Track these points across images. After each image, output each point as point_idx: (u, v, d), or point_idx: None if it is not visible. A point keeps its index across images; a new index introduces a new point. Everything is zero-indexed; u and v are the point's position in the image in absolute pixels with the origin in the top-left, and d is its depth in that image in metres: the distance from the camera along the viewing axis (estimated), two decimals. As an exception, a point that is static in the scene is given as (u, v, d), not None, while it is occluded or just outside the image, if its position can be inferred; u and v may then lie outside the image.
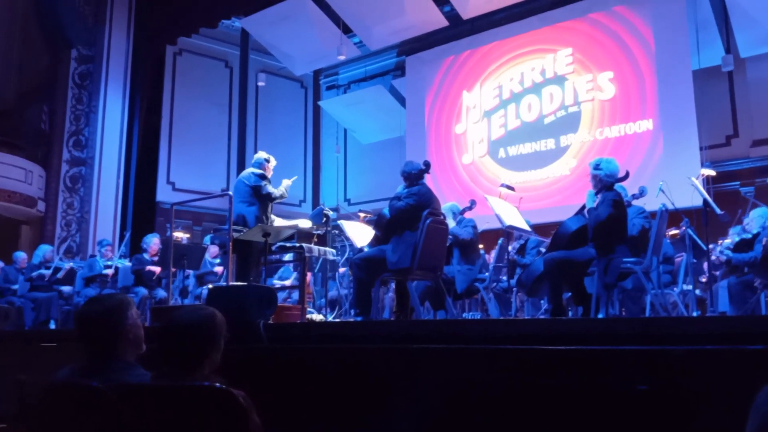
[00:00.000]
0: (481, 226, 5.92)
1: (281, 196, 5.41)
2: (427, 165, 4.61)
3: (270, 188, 5.32)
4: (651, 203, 5.11)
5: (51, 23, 9.32)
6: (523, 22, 9.47)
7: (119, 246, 8.50)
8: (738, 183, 8.15)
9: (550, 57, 9.22)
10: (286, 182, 5.50)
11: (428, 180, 4.82)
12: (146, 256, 7.18)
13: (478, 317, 5.94)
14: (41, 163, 9.41)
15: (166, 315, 3.83)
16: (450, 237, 5.47)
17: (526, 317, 5.71)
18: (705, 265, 5.86)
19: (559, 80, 9.12)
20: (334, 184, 12.18)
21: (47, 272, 7.13)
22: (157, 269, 6.84)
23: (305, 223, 5.24)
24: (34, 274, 7.18)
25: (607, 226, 3.99)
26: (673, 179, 6.62)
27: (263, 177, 5.34)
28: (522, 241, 6.05)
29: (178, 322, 1.86)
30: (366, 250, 5.15)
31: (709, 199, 4.65)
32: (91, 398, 1.71)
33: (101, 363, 1.87)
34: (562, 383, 2.66)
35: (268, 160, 5.52)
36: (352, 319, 4.91)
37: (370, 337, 3.43)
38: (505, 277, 5.67)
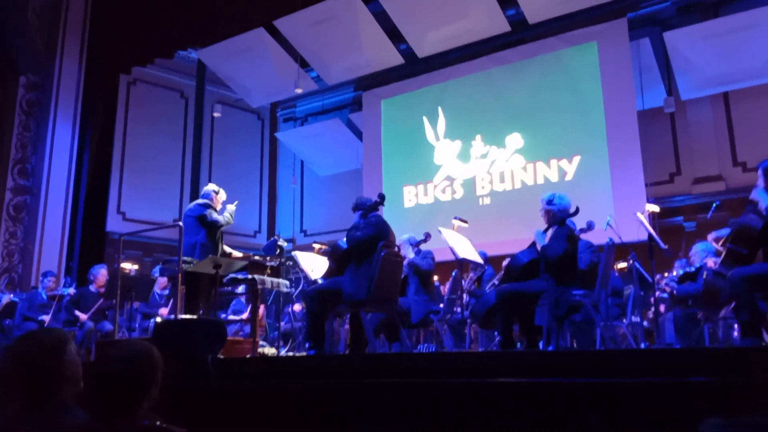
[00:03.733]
0: (436, 258, 5.96)
1: (227, 223, 5.36)
2: (382, 197, 4.64)
3: (215, 215, 5.28)
4: (598, 237, 5.25)
5: (1, 50, 9.07)
6: (475, 61, 9.75)
7: (65, 277, 8.20)
8: (681, 218, 8.49)
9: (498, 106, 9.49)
10: (230, 207, 5.47)
11: (384, 212, 4.84)
12: (92, 287, 6.94)
13: (433, 349, 5.93)
14: (-17, 191, 9.05)
15: (104, 351, 3.69)
16: (409, 267, 5.50)
17: (480, 349, 5.73)
18: (651, 298, 6.03)
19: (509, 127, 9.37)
20: (290, 216, 12.10)
21: None
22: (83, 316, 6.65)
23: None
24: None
25: (563, 261, 4.08)
26: (619, 214, 6.85)
27: (207, 206, 5.30)
28: (479, 273, 6.11)
29: (112, 359, 1.79)
30: (320, 282, 5.10)
31: (654, 234, 4.81)
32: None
33: (38, 407, 1.77)
34: (516, 416, 2.67)
35: (217, 192, 5.49)
36: (304, 353, 4.82)
37: (323, 371, 3.38)
38: (459, 309, 5.70)
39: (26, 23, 9.16)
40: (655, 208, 5.57)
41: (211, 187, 5.55)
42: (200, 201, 5.38)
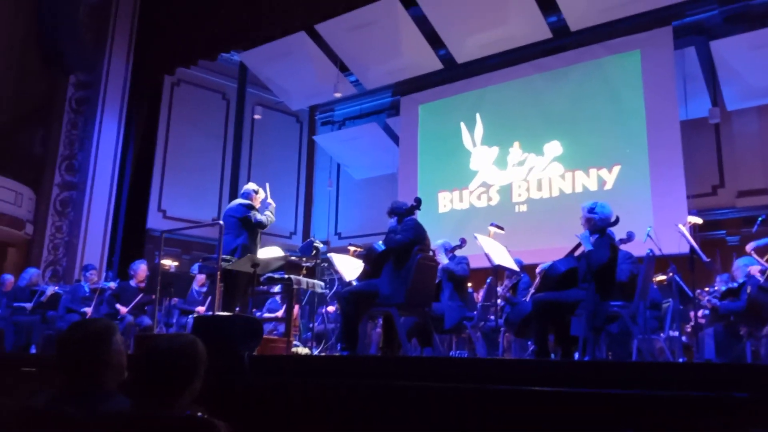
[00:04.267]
0: (470, 264, 5.93)
1: (270, 222, 5.45)
2: (419, 201, 4.65)
3: (259, 216, 5.36)
4: (638, 248, 5.16)
5: (50, 48, 9.41)
6: (516, 67, 9.68)
7: (106, 271, 8.43)
8: (724, 232, 8.26)
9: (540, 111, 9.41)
10: (271, 206, 5.52)
11: (418, 217, 4.84)
12: (132, 282, 7.12)
13: (465, 356, 5.91)
14: (32, 185, 9.38)
15: (142, 343, 3.78)
16: (443, 272, 5.49)
17: (514, 358, 5.68)
18: (691, 312, 5.89)
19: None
20: (326, 218, 12.21)
21: (29, 305, 7.05)
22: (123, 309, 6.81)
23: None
24: (16, 304, 7.09)
25: (606, 270, 4.02)
26: (660, 225, 6.71)
27: (250, 207, 5.38)
28: (514, 280, 6.06)
29: (158, 349, 1.83)
30: (354, 284, 5.14)
31: (696, 247, 4.71)
32: (68, 427, 1.67)
33: (81, 390, 1.83)
34: (549, 425, 2.65)
35: (256, 192, 5.57)
36: (337, 354, 4.86)
37: (355, 372, 3.40)
38: (493, 317, 5.66)
39: (78, 23, 9.49)
40: (698, 220, 5.44)
41: (251, 186, 5.63)
42: (243, 201, 5.45)
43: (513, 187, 9.53)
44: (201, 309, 7.14)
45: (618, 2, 7.73)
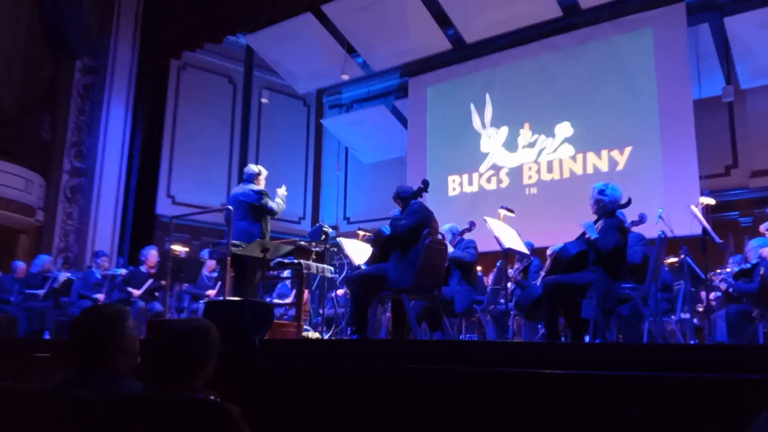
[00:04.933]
0: (480, 248, 5.90)
1: (280, 210, 5.42)
2: (426, 184, 4.61)
3: (271, 203, 5.33)
4: (650, 230, 5.11)
5: (56, 34, 9.38)
6: (526, 47, 9.56)
7: (117, 258, 8.49)
8: (737, 213, 8.17)
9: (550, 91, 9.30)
10: (281, 192, 5.49)
11: (427, 201, 4.82)
12: (143, 268, 7.16)
13: (475, 339, 5.90)
14: (41, 172, 9.42)
15: (156, 327, 3.81)
16: (450, 261, 5.46)
17: (524, 340, 5.67)
18: (703, 294, 5.84)
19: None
20: (334, 202, 12.20)
21: (41, 291, 7.12)
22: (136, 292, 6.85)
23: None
24: (29, 291, 7.16)
25: (614, 254, 3.99)
26: (672, 207, 6.64)
27: (262, 193, 5.35)
28: (525, 263, 6.04)
29: (171, 332, 1.84)
30: (363, 268, 5.13)
31: (709, 228, 4.66)
32: (81, 408, 1.68)
33: (93, 373, 1.84)
34: (558, 407, 2.64)
35: (259, 173, 5.55)
36: (347, 338, 4.87)
37: (366, 356, 3.40)
38: (503, 300, 5.65)
39: (82, 8, 9.44)
40: (711, 201, 5.38)
41: (254, 167, 5.60)
42: (254, 186, 5.42)
43: (523, 169, 9.47)
44: (212, 293, 7.18)
45: (630, -22, 7.60)
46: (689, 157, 7.98)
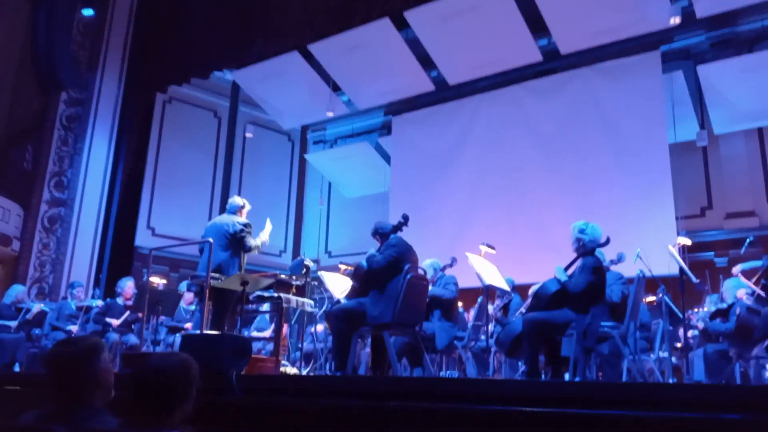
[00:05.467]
0: (461, 284, 5.92)
1: (257, 251, 5.40)
2: (406, 218, 4.62)
3: (250, 241, 5.31)
4: (628, 269, 5.18)
5: (44, 66, 9.40)
6: (506, 89, 9.78)
7: (93, 289, 8.35)
8: (713, 253, 8.32)
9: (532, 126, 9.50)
10: (265, 234, 5.47)
11: (411, 236, 4.83)
12: (120, 300, 7.05)
13: (456, 376, 5.87)
14: (20, 202, 9.30)
15: (137, 361, 3.73)
16: (430, 299, 5.45)
17: (504, 378, 5.65)
18: (681, 333, 5.90)
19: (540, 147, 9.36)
20: (316, 236, 12.18)
21: (13, 324, 6.95)
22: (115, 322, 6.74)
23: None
24: (1, 322, 6.99)
25: (586, 294, 4.04)
26: (649, 247, 6.74)
27: (247, 226, 5.34)
28: (505, 300, 6.06)
29: (151, 367, 1.81)
30: (343, 302, 5.11)
31: (686, 268, 4.73)
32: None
33: (69, 409, 1.81)
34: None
35: (243, 206, 5.55)
36: (326, 374, 4.81)
37: (345, 392, 3.37)
38: (484, 337, 5.64)
39: (71, 40, 9.50)
40: (687, 241, 5.48)
41: (238, 200, 5.58)
42: (239, 219, 5.40)
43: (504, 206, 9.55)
44: (189, 326, 7.07)
45: (607, 27, 7.85)
46: (666, 198, 8.14)
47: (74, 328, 6.83)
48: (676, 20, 7.20)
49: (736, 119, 8.15)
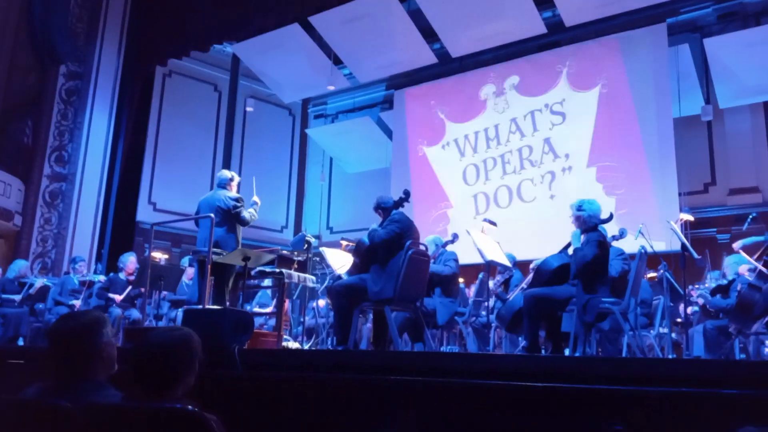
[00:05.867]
0: (462, 260, 5.92)
1: (252, 220, 5.43)
2: (407, 194, 4.61)
3: (244, 213, 5.33)
4: (629, 245, 5.17)
5: (42, 39, 9.30)
6: (510, 63, 9.67)
7: (95, 264, 8.37)
8: (715, 230, 8.31)
9: (535, 100, 9.41)
10: (255, 197, 5.50)
11: (413, 214, 4.83)
12: (122, 275, 7.07)
13: (456, 351, 5.91)
14: (21, 176, 9.28)
15: (140, 336, 3.76)
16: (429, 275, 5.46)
17: (504, 353, 5.69)
18: (681, 309, 5.91)
19: (542, 121, 9.29)
20: (317, 212, 12.17)
21: (17, 298, 6.99)
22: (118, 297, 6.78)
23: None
24: (4, 296, 7.03)
25: (592, 267, 4.03)
26: (651, 223, 6.73)
27: (239, 200, 5.35)
28: (506, 276, 6.07)
29: (153, 342, 1.82)
30: (345, 278, 5.12)
31: (687, 244, 4.72)
32: (59, 418, 1.66)
33: (71, 382, 1.82)
34: (538, 420, 2.65)
35: (232, 179, 5.57)
36: (328, 348, 4.85)
37: (347, 367, 3.39)
38: (484, 312, 5.66)
39: (69, 14, 9.38)
40: (690, 217, 5.46)
41: (226, 173, 5.63)
42: (229, 193, 5.42)
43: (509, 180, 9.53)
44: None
45: (613, -1, 7.73)
46: (669, 173, 8.10)
47: (77, 303, 6.87)
48: (683, -9, 7.08)
49: (742, 93, 8.07)
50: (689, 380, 2.57)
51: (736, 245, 5.53)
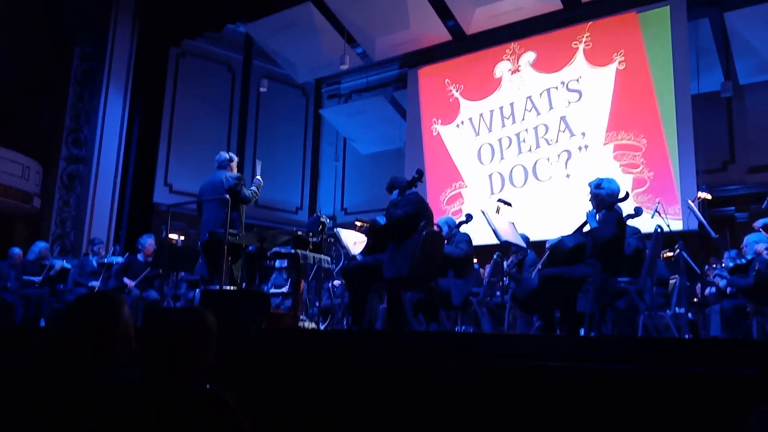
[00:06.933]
0: (477, 241, 5.91)
1: (254, 198, 5.48)
2: (420, 173, 4.60)
3: (246, 191, 5.38)
4: (646, 224, 5.12)
5: (56, 21, 9.33)
6: (525, 40, 9.53)
7: (113, 245, 8.47)
8: (733, 208, 8.19)
9: (551, 77, 9.29)
10: (259, 182, 5.54)
11: (426, 194, 4.81)
12: (140, 256, 7.15)
13: (471, 331, 5.93)
14: (39, 159, 9.39)
15: (157, 316, 3.82)
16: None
17: (520, 333, 5.69)
18: (698, 288, 5.87)
19: (558, 99, 9.18)
20: (332, 193, 12.18)
21: (38, 279, 7.12)
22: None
23: None
24: (25, 278, 7.15)
25: (611, 246, 4.01)
26: (669, 201, 6.66)
27: (240, 179, 5.40)
28: (520, 256, 6.05)
29: (169, 322, 1.84)
30: (359, 258, 5.14)
31: (705, 223, 4.67)
32: (79, 397, 1.69)
33: (90, 361, 1.85)
34: (554, 399, 2.66)
35: (231, 159, 5.62)
36: (344, 328, 4.89)
37: (362, 346, 3.42)
38: (499, 293, 5.66)
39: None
40: (707, 196, 5.39)
41: (225, 154, 5.71)
42: (230, 173, 5.48)
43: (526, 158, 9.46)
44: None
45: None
46: (687, 151, 7.98)
47: (96, 284, 6.97)
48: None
49: (764, 68, 7.91)
50: (706, 360, 2.57)
51: (757, 224, 5.46)
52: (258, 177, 5.57)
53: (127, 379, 1.82)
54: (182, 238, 8.01)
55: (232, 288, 4.84)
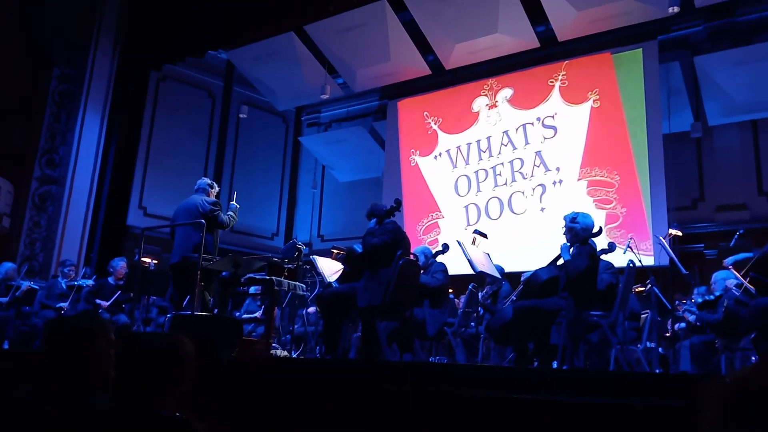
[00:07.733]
0: (452, 270, 5.93)
1: (231, 224, 5.47)
2: (399, 203, 4.64)
3: (222, 216, 5.37)
4: (618, 259, 5.21)
5: (36, 41, 9.27)
6: (503, 76, 9.74)
7: (84, 268, 8.31)
8: (702, 245, 8.37)
9: (527, 113, 9.48)
10: (235, 207, 5.55)
11: (404, 223, 4.84)
12: (111, 279, 7.03)
13: (445, 362, 5.91)
14: (11, 178, 9.21)
15: (128, 341, 3.74)
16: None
17: (493, 364, 5.69)
18: (669, 323, 5.95)
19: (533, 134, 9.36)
20: (308, 220, 12.16)
21: (4, 300, 6.94)
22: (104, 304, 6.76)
23: None
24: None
25: (583, 279, 4.06)
26: (640, 237, 6.79)
27: (217, 204, 5.39)
28: (495, 287, 6.08)
29: (144, 348, 1.81)
30: (334, 286, 5.12)
31: (676, 259, 4.77)
32: (47, 422, 1.65)
33: (62, 385, 1.81)
34: (527, 431, 2.66)
35: (211, 186, 5.63)
36: (317, 357, 4.83)
37: (335, 376, 3.39)
38: (474, 323, 5.67)
39: (64, 15, 9.37)
40: (678, 233, 5.51)
41: (206, 180, 5.71)
42: (207, 198, 5.47)
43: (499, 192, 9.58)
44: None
45: (605, 15, 7.82)
46: (659, 189, 8.17)
47: (64, 306, 6.82)
48: (674, 9, 7.17)
49: (731, 111, 8.17)
50: (675, 394, 2.60)
51: (727, 261, 5.58)
52: (233, 202, 5.57)
53: (97, 403, 1.78)
54: (155, 261, 7.90)
55: (203, 314, 4.77)
